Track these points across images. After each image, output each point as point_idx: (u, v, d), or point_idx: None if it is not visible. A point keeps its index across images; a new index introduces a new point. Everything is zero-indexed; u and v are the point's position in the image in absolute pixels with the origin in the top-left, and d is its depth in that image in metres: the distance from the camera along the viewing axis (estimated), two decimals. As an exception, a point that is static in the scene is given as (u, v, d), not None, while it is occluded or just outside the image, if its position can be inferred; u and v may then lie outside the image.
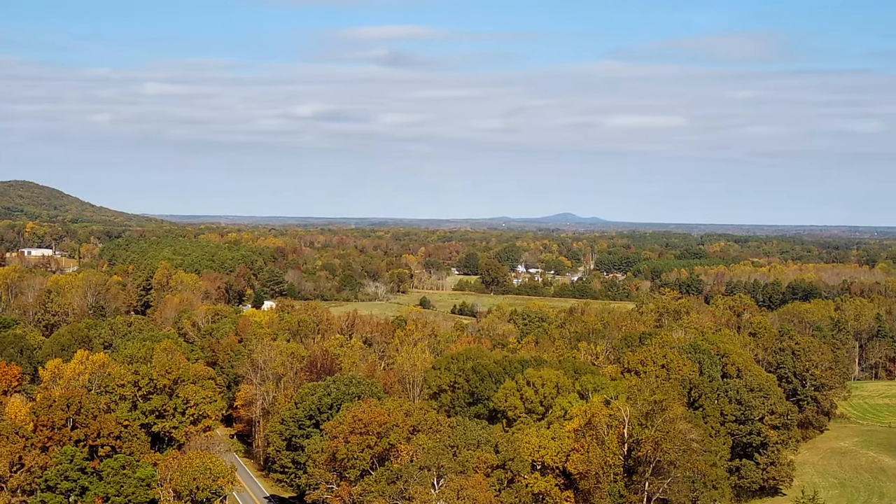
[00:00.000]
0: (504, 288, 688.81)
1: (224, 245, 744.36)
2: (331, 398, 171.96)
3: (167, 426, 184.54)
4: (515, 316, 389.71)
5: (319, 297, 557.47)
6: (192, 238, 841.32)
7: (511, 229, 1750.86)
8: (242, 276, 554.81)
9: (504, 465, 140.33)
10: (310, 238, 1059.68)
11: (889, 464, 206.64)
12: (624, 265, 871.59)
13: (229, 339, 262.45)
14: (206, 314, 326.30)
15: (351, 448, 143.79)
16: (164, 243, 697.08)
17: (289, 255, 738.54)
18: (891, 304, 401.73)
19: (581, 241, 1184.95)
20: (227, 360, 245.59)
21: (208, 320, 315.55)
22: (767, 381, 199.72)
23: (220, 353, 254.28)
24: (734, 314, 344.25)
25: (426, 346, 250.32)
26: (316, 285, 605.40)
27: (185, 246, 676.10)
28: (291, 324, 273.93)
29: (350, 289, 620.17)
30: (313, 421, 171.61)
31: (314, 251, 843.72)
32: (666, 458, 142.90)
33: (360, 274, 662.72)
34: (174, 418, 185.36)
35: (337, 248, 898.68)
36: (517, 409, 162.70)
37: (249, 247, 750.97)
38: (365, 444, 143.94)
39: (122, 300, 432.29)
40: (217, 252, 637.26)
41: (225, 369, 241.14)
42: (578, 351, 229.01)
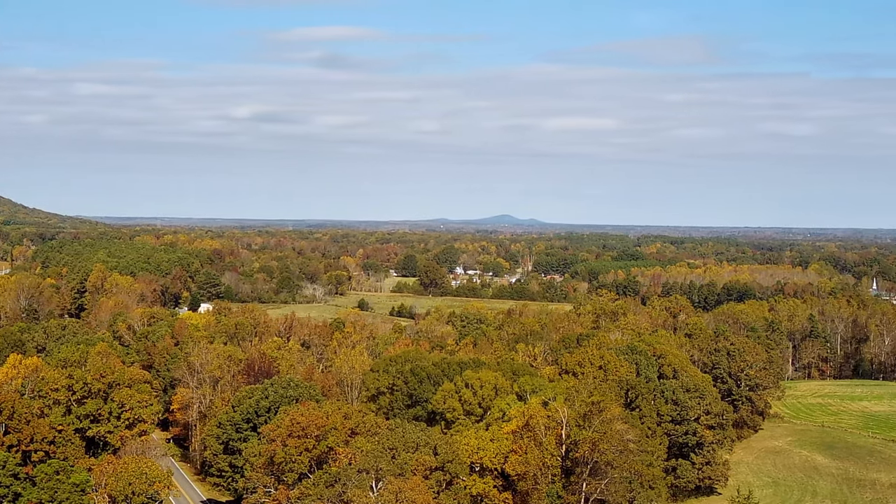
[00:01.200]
0: (442, 290, 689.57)
1: (160, 247, 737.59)
2: (268, 401, 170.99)
3: (102, 431, 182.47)
4: (454, 318, 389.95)
5: (257, 300, 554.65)
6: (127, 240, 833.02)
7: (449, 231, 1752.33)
8: (179, 279, 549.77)
9: (443, 468, 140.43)
10: (247, 240, 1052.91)
11: (822, 462, 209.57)
12: (562, 267, 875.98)
13: (165, 342, 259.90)
14: (142, 317, 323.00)
15: (289, 451, 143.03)
16: (99, 245, 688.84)
17: (226, 257, 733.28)
18: (823, 304, 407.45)
19: (519, 242, 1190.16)
20: (163, 363, 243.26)
21: (144, 323, 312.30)
22: (703, 382, 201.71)
23: (156, 356, 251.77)
24: (670, 315, 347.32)
25: (364, 349, 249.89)
26: (253, 287, 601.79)
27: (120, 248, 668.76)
28: (228, 326, 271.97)
29: (288, 291, 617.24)
30: (251, 424, 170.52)
31: (251, 253, 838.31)
32: (603, 458, 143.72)
33: (298, 276, 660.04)
34: (109, 423, 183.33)
35: (274, 250, 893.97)
36: (456, 410, 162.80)
37: (186, 249, 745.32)
38: (303, 448, 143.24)
39: (56, 303, 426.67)
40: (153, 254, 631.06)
41: (161, 373, 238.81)
42: (517, 352, 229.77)
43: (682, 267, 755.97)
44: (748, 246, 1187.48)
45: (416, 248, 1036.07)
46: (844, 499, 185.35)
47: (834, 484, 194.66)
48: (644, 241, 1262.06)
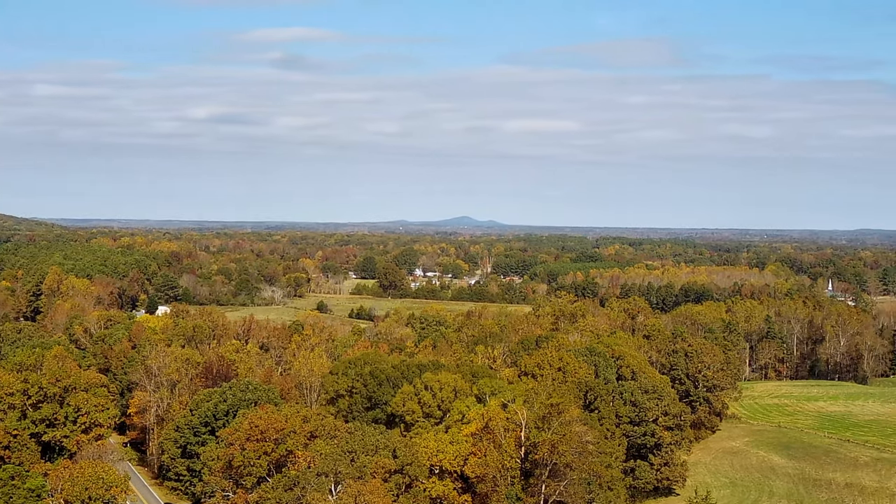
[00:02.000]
0: (402, 292, 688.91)
1: (117, 250, 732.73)
2: (227, 405, 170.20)
3: (58, 435, 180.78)
4: (413, 320, 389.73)
5: (215, 302, 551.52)
6: (83, 243, 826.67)
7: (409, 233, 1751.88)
8: (136, 282, 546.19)
9: (402, 470, 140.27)
10: (205, 242, 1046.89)
11: (778, 463, 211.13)
12: (521, 268, 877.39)
13: (122, 345, 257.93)
14: (99, 320, 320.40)
15: (247, 455, 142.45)
16: (55, 248, 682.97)
17: (184, 259, 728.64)
18: (780, 305, 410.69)
19: (478, 244, 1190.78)
20: (120, 366, 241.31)
21: (101, 326, 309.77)
22: (661, 383, 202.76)
23: (113, 359, 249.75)
24: (629, 317, 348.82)
25: (323, 351, 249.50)
26: (212, 290, 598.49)
27: (76, 251, 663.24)
28: (186, 329, 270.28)
29: (246, 293, 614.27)
30: (209, 428, 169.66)
31: (210, 255, 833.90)
32: (562, 460, 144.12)
33: (257, 278, 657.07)
34: (65, 427, 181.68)
35: (233, 253, 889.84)
36: (415, 413, 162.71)
37: (143, 251, 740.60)
38: (262, 451, 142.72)
39: (11, 306, 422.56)
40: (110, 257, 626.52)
41: (118, 376, 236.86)
42: (476, 355, 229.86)
43: (641, 268, 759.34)
44: (706, 247, 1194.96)
45: (376, 249, 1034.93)
46: (801, 499, 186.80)
47: (790, 484, 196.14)
48: (603, 242, 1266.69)
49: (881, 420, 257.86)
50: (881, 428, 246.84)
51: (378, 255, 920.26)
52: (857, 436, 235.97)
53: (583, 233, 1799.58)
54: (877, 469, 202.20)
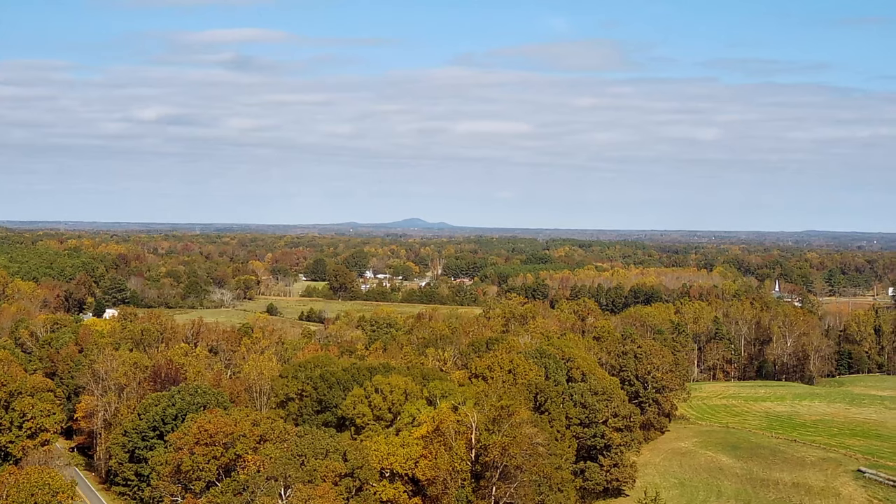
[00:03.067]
0: (352, 294, 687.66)
1: (63, 252, 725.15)
2: (175, 409, 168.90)
3: (2, 441, 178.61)
4: (363, 322, 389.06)
5: (164, 305, 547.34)
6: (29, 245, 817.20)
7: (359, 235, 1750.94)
8: (83, 284, 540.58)
9: (352, 474, 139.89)
10: (153, 244, 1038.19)
11: (726, 463, 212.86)
12: (471, 270, 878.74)
13: (69, 349, 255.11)
14: (45, 323, 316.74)
15: (196, 459, 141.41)
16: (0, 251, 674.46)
17: (131, 261, 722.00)
18: (727, 306, 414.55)
19: (429, 246, 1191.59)
20: (66, 370, 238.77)
21: (47, 330, 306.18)
22: (611, 385, 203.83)
23: (60, 363, 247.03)
24: (579, 318, 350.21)
25: (273, 354, 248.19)
26: (160, 293, 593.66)
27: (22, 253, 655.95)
28: (134, 332, 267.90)
29: (195, 296, 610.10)
30: (157, 432, 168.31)
31: (158, 258, 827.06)
32: (513, 462, 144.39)
33: (206, 281, 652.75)
34: (10, 432, 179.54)
35: (182, 255, 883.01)
36: (366, 416, 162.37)
37: (90, 254, 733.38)
38: (211, 455, 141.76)
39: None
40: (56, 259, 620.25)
41: (65, 380, 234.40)
42: (426, 357, 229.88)
43: (591, 270, 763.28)
44: (655, 249, 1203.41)
45: (326, 252, 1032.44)
46: (748, 499, 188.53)
47: (738, 484, 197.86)
48: (553, 244, 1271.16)
49: (827, 420, 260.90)
50: (827, 428, 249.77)
51: (328, 257, 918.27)
52: (803, 436, 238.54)
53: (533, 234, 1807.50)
54: (823, 469, 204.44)
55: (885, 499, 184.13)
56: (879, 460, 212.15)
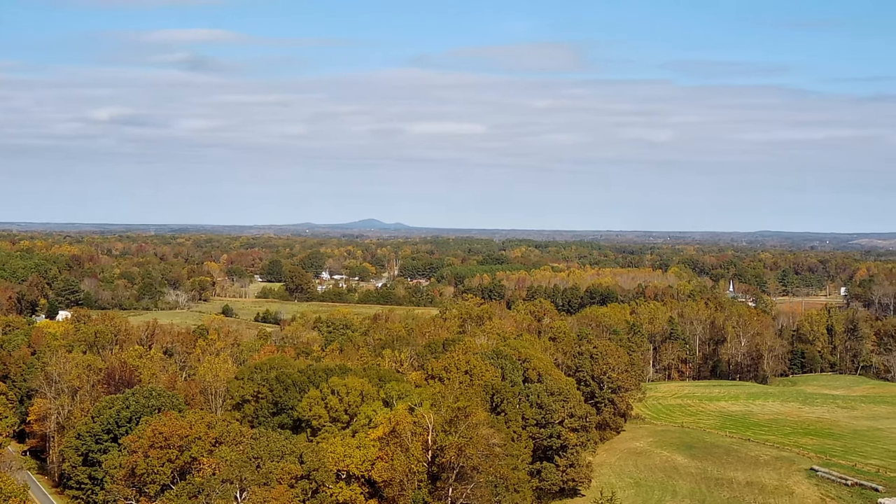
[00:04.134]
0: (308, 295, 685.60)
1: (16, 253, 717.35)
2: (129, 411, 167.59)
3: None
4: (320, 323, 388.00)
5: (118, 307, 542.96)
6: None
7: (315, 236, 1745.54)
8: (35, 286, 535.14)
9: (308, 476, 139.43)
10: (107, 245, 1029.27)
11: (681, 462, 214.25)
12: (428, 271, 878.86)
13: (21, 351, 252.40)
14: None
15: (151, 462, 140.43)
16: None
17: (85, 263, 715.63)
18: (682, 307, 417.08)
19: (385, 247, 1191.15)
20: (19, 373, 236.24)
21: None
22: (567, 385, 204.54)
23: (12, 366, 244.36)
24: (535, 319, 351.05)
25: (229, 356, 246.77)
26: (114, 294, 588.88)
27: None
28: (88, 335, 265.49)
29: (150, 297, 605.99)
30: (111, 435, 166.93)
31: (112, 259, 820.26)
32: (469, 463, 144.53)
33: (161, 282, 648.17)
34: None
35: (136, 256, 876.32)
36: (322, 418, 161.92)
37: (43, 255, 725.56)
38: (165, 458, 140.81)
39: None
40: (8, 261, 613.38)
41: (17, 383, 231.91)
42: (383, 358, 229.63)
43: (547, 271, 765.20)
44: (610, 249, 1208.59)
45: (282, 252, 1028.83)
46: (703, 498, 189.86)
47: (693, 483, 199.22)
48: (509, 245, 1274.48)
49: (780, 419, 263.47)
50: (780, 427, 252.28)
51: (284, 259, 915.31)
52: (757, 435, 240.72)
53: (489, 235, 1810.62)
54: (776, 468, 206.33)
55: (838, 497, 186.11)
56: (832, 459, 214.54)
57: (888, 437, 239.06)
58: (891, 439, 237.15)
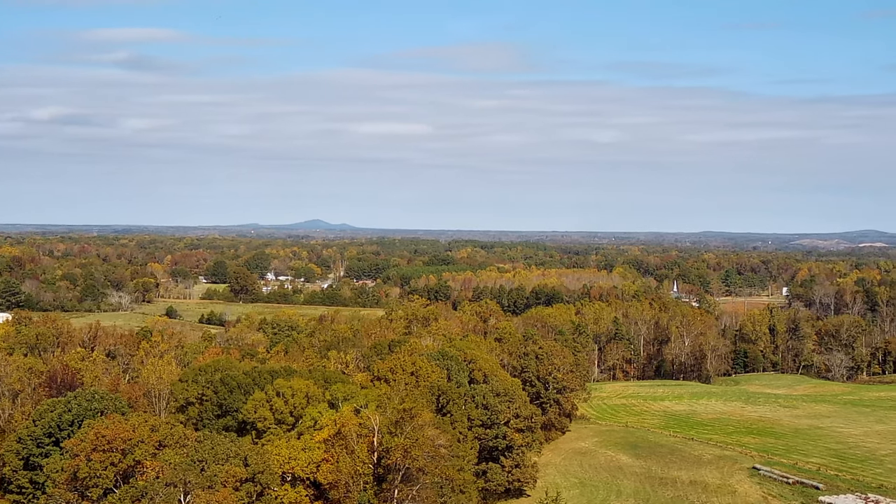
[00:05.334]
0: (253, 296, 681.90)
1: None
2: (72, 414, 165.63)
3: None
4: (265, 325, 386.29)
5: (60, 309, 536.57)
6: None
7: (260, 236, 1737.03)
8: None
9: (253, 479, 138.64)
10: (49, 246, 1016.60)
11: (626, 462, 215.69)
12: (374, 272, 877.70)
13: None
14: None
15: (93, 466, 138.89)
16: None
17: (26, 264, 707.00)
18: (627, 307, 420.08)
19: (331, 248, 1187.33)
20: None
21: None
22: (513, 386, 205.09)
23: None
24: (481, 320, 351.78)
25: (173, 358, 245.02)
26: (56, 296, 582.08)
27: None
28: (29, 337, 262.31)
29: (92, 299, 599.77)
30: (53, 439, 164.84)
31: (54, 260, 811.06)
32: (415, 465, 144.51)
33: (104, 283, 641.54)
34: None
35: (78, 257, 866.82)
36: (267, 420, 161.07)
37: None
38: (108, 462, 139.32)
39: None
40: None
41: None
42: (329, 360, 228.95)
43: (493, 271, 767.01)
44: (556, 250, 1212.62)
45: (227, 253, 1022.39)
46: (647, 497, 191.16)
47: (637, 483, 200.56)
48: (455, 245, 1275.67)
49: (723, 418, 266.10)
50: (723, 426, 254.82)
51: (229, 259, 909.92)
52: (700, 434, 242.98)
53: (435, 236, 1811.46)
54: (719, 466, 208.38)
55: (780, 495, 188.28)
56: (773, 457, 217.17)
57: (829, 436, 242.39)
58: (831, 438, 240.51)
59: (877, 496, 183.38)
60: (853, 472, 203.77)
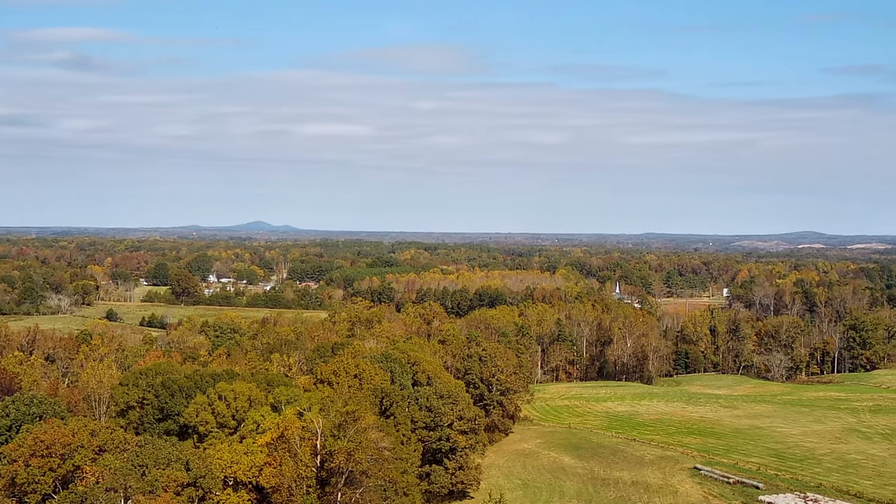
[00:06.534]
0: (195, 298, 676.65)
1: None
2: (9, 420, 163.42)
3: None
4: (207, 327, 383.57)
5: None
6: None
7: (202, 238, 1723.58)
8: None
9: (195, 483, 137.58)
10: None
11: (568, 463, 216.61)
12: (317, 274, 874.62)
13: None
14: None
15: (32, 472, 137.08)
16: None
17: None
18: (570, 308, 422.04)
19: (274, 249, 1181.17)
20: None
21: None
22: (456, 388, 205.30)
23: None
24: (424, 322, 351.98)
25: (113, 362, 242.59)
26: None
27: None
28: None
29: (31, 302, 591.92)
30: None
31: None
32: (358, 468, 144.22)
33: (42, 286, 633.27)
34: None
35: (16, 259, 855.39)
36: (209, 423, 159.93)
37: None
38: (47, 467, 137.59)
39: None
40: None
41: None
42: (271, 363, 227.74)
43: (436, 273, 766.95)
44: (499, 252, 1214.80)
45: (168, 255, 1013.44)
46: (590, 498, 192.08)
47: (580, 484, 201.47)
48: (398, 247, 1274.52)
49: (665, 419, 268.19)
50: (665, 427, 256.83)
51: (170, 262, 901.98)
52: (642, 435, 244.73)
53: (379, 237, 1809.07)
54: (661, 467, 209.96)
55: (720, 495, 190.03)
56: (714, 457, 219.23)
57: (768, 436, 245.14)
58: (771, 437, 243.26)
59: (815, 495, 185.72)
60: (792, 472, 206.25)
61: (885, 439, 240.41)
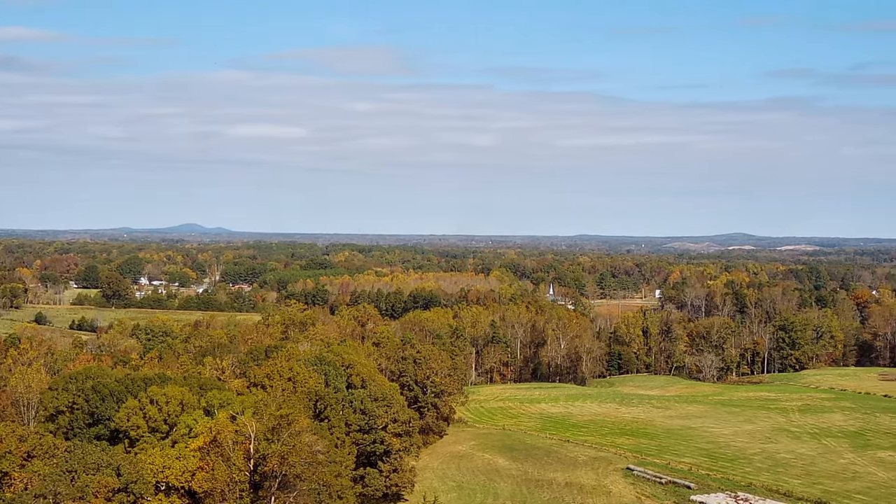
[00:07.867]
0: (126, 301, 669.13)
1: None
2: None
3: None
4: (138, 331, 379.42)
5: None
6: None
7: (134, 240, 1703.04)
8: None
9: (126, 489, 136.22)
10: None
11: (503, 464, 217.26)
12: (250, 276, 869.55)
13: None
14: None
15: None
16: None
17: None
18: (504, 310, 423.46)
19: (207, 251, 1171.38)
20: None
21: None
22: (391, 390, 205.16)
23: None
24: (359, 324, 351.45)
25: (42, 366, 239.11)
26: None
27: None
28: None
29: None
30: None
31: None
32: (292, 471, 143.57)
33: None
34: None
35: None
36: (140, 428, 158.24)
37: None
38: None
39: None
40: None
41: None
42: (204, 366, 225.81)
43: (371, 275, 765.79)
44: (434, 254, 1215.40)
45: (99, 258, 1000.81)
46: (524, 499, 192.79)
47: (514, 485, 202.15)
48: (333, 249, 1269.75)
49: (598, 420, 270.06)
50: (598, 428, 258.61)
51: (101, 264, 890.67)
52: (576, 436, 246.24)
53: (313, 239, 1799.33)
54: (594, 468, 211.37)
55: (653, 495, 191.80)
56: (647, 458, 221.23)
57: (700, 436, 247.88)
58: (702, 438, 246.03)
59: (746, 494, 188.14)
60: (723, 472, 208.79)
61: (813, 439, 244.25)
